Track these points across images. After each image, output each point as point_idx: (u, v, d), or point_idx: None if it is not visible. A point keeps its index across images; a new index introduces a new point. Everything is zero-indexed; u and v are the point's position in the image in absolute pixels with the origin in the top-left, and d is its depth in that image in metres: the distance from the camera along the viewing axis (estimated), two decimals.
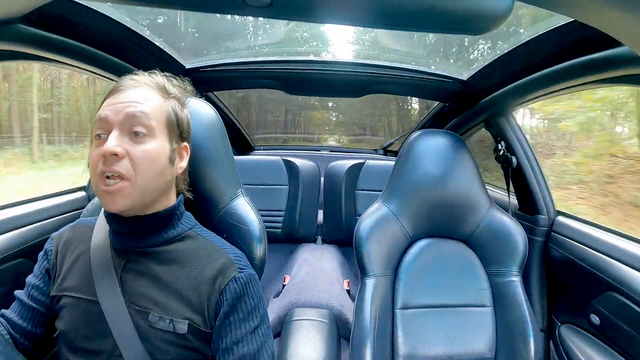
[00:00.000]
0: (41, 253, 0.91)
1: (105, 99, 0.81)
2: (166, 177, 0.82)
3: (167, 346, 0.76)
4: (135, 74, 0.87)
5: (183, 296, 0.79)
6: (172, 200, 0.87)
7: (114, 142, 0.73)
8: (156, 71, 0.91)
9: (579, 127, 3.55)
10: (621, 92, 3.17)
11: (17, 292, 0.88)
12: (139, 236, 0.82)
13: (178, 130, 0.85)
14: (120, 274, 0.80)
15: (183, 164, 0.88)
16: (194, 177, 0.97)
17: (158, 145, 0.79)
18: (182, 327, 0.77)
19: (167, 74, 0.92)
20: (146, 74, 0.88)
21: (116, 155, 0.72)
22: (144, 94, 0.80)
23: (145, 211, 0.81)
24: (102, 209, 0.90)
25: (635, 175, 2.96)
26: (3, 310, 0.86)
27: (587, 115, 3.38)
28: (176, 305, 0.78)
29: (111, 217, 0.82)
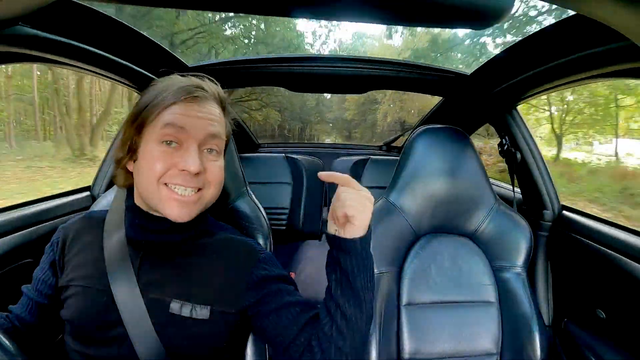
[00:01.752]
0: (48, 245, 0.92)
1: (172, 103, 0.78)
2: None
3: (185, 333, 0.78)
4: (202, 79, 0.86)
5: (204, 282, 0.81)
6: None
7: (197, 161, 0.75)
8: (213, 79, 0.89)
9: None
10: None
11: (24, 287, 0.90)
12: (162, 231, 0.84)
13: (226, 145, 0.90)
14: (138, 264, 0.82)
15: None
16: None
17: (223, 162, 0.84)
18: (204, 312, 0.79)
19: (207, 77, 0.89)
20: (207, 79, 0.87)
21: (198, 173, 0.76)
22: (216, 111, 0.83)
23: None
24: (114, 202, 0.91)
25: None
26: (10, 306, 0.88)
27: None
28: (197, 291, 0.80)
29: (135, 210, 0.84)
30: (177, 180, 0.75)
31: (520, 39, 1.20)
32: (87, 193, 1.59)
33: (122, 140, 0.82)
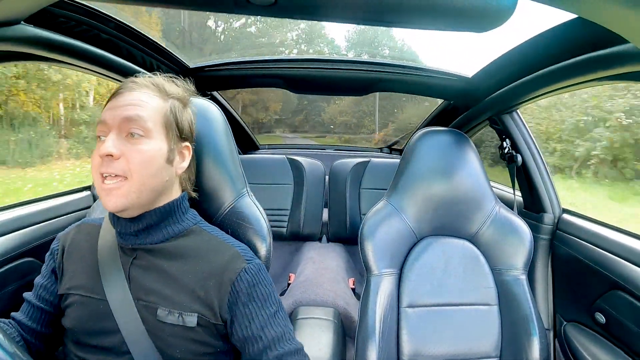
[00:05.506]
0: (48, 253, 0.93)
1: (107, 102, 0.83)
2: (164, 178, 0.83)
3: (177, 340, 0.78)
4: (136, 76, 0.89)
5: (191, 290, 0.80)
6: (174, 197, 0.88)
7: (110, 143, 0.75)
8: (158, 73, 0.92)
9: None
10: None
11: (26, 294, 0.90)
12: (144, 234, 0.84)
13: (177, 130, 0.87)
14: (128, 271, 0.82)
15: (184, 164, 0.89)
16: (200, 176, 0.98)
17: (154, 146, 0.80)
18: (192, 320, 0.78)
19: (171, 75, 0.94)
20: (148, 74, 0.90)
21: (112, 156, 0.75)
22: (142, 96, 0.82)
23: (144, 210, 0.83)
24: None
25: None
26: (13, 313, 0.88)
27: None
28: (185, 299, 0.79)
29: (115, 219, 0.84)
30: (103, 169, 0.75)
31: (522, 41, 1.20)
32: (88, 192, 1.59)
33: None
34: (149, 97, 0.83)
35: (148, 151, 0.79)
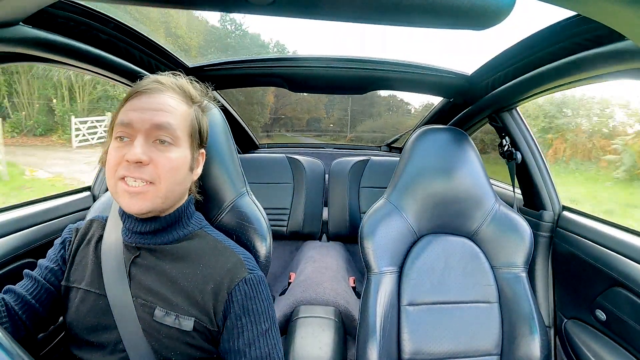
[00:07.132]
0: (59, 240, 0.92)
1: (127, 99, 0.81)
2: (186, 184, 0.84)
3: (172, 342, 0.77)
4: (160, 74, 0.87)
5: (190, 293, 0.79)
6: (183, 201, 0.88)
7: (139, 150, 0.74)
8: (180, 74, 0.91)
9: None
10: None
11: (28, 271, 0.87)
12: (150, 235, 0.84)
13: (199, 138, 0.87)
14: (129, 268, 0.82)
15: (199, 170, 0.90)
16: (200, 176, 0.97)
17: (181, 154, 0.80)
18: (188, 323, 0.77)
19: (192, 78, 0.93)
20: (170, 75, 0.88)
21: (141, 162, 0.74)
22: (170, 101, 0.81)
23: (160, 213, 0.83)
24: (113, 206, 0.92)
25: None
26: (9, 286, 0.84)
27: None
28: (182, 302, 0.79)
29: (126, 215, 0.84)
30: (127, 172, 0.74)
31: (521, 39, 1.20)
32: (88, 193, 1.59)
33: (105, 143, 0.84)
34: (177, 102, 0.82)
35: (176, 159, 0.78)
